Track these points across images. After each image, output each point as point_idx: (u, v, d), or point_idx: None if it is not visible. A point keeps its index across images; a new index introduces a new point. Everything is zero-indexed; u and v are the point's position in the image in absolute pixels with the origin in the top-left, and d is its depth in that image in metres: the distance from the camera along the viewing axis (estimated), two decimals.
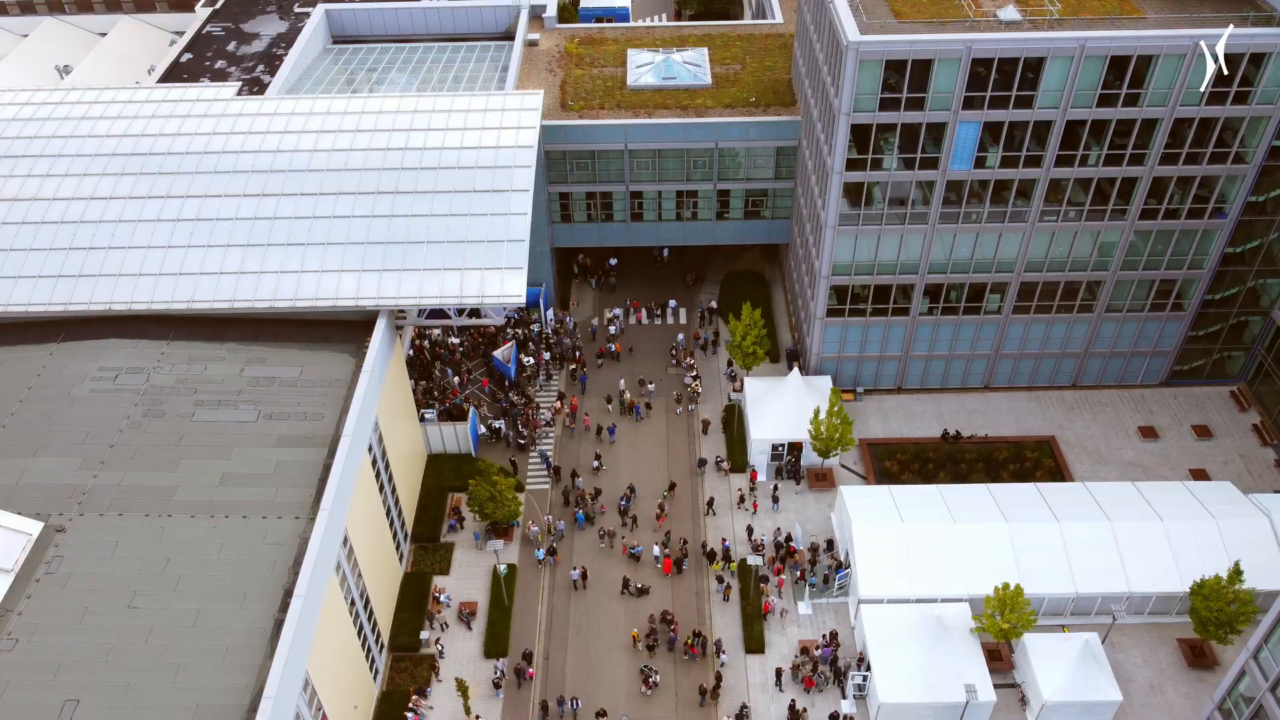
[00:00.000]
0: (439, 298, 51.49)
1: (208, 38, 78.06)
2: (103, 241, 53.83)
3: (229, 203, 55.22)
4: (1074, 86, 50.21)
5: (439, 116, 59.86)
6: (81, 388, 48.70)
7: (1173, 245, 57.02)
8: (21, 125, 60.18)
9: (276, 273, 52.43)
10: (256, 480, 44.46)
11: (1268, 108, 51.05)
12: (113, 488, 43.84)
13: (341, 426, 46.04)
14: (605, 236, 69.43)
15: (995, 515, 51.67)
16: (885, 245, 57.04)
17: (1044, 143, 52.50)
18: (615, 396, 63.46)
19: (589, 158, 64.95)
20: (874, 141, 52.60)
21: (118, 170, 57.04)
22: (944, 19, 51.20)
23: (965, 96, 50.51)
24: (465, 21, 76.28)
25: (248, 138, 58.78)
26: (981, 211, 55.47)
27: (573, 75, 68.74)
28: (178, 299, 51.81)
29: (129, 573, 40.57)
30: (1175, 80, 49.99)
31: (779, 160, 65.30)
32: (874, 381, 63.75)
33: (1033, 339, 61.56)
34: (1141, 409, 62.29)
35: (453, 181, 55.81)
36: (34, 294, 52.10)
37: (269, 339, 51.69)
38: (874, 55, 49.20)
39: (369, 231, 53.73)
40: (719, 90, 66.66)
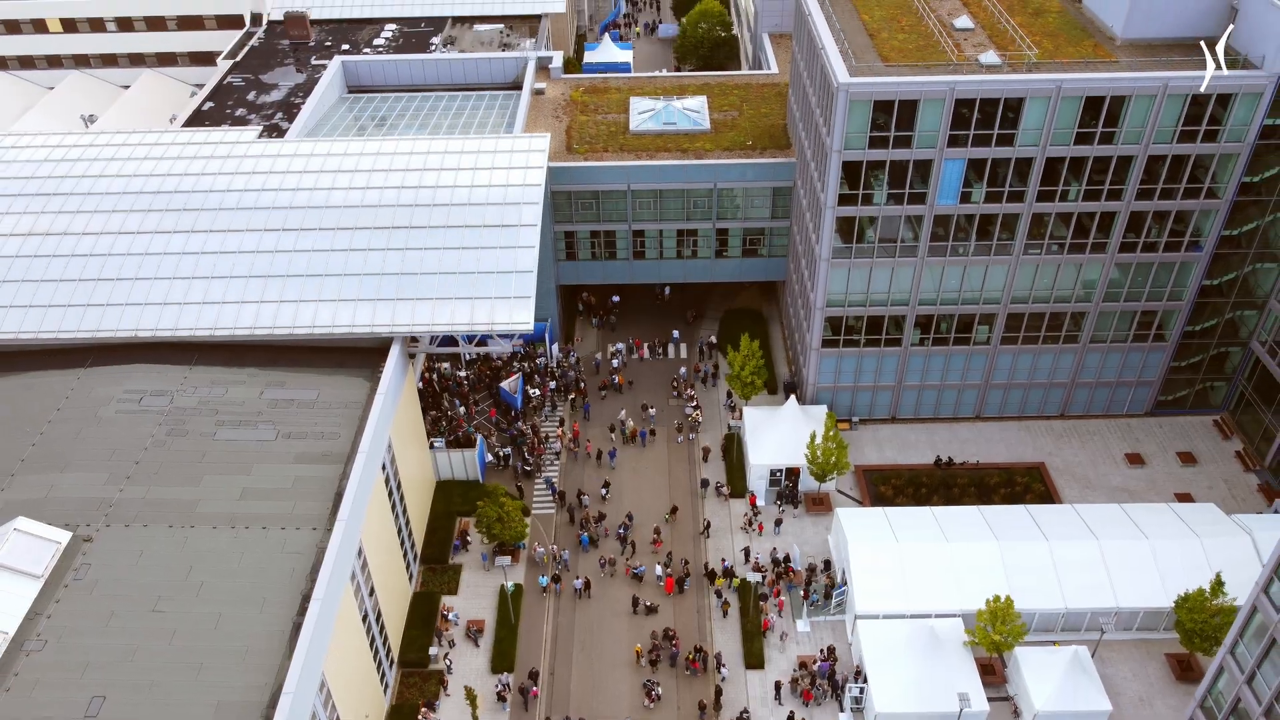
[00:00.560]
0: (450, 325, 53.90)
1: (228, 88, 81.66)
2: (129, 273, 56.41)
3: (250, 237, 57.94)
4: (1052, 125, 53.20)
5: (451, 157, 62.89)
6: (108, 409, 50.84)
7: (1152, 277, 59.58)
8: (54, 165, 63.19)
9: (295, 302, 54.92)
10: (275, 494, 46.37)
11: (1236, 145, 53.98)
12: (138, 501, 45.74)
13: (357, 444, 48.12)
14: (609, 274, 72.08)
15: (987, 535, 53.43)
16: (877, 278, 59.59)
17: (1026, 179, 55.35)
18: (618, 425, 65.46)
19: (593, 198, 67.85)
20: (864, 178, 55.46)
21: (144, 207, 59.86)
22: (929, 63, 54.38)
23: (950, 135, 53.46)
24: (475, 72, 79.90)
25: (268, 177, 61.70)
26: (968, 245, 58.13)
27: (578, 121, 72.03)
28: (200, 326, 54.21)
29: (153, 579, 42.31)
30: (1147, 119, 52.98)
31: (775, 200, 68.21)
32: (869, 411, 65.85)
33: (1021, 369, 63.82)
34: (1128, 437, 64.29)
35: (464, 217, 58.58)
36: (64, 322, 54.52)
37: (287, 364, 53.97)
38: (863, 96, 52.26)
39: (384, 263, 56.34)
40: (717, 135, 69.86)
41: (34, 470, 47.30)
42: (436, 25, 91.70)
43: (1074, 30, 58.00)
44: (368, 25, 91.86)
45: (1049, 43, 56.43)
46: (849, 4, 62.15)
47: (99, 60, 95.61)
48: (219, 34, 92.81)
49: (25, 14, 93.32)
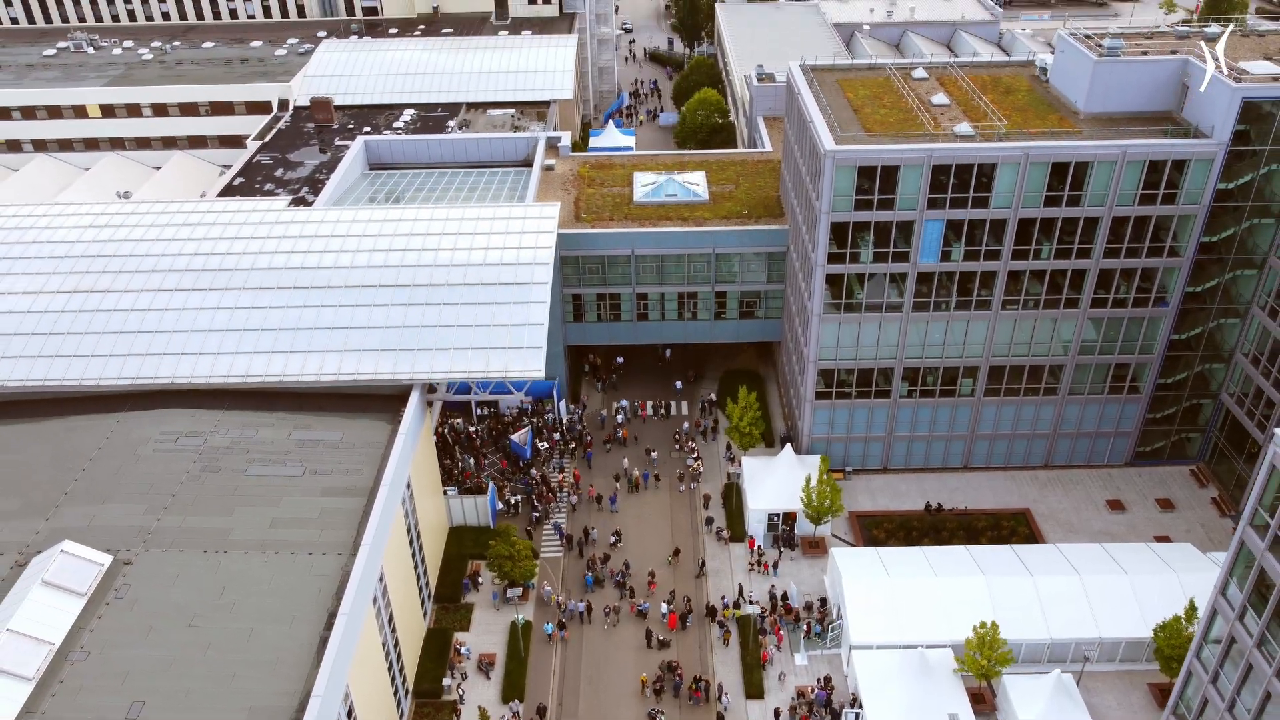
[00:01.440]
0: (466, 373, 57.69)
1: (257, 165, 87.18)
2: (167, 326, 60.43)
3: (279, 294, 62.10)
4: (1023, 189, 57.92)
5: (467, 223, 67.59)
6: (146, 448, 54.23)
7: (1123, 332, 63.58)
8: (97, 231, 67.84)
9: (321, 352, 58.79)
10: (303, 524, 49.44)
11: (1193, 207, 58.61)
12: (174, 529, 48.81)
13: (379, 479, 51.33)
14: (614, 335, 76.17)
15: (974, 571, 56.16)
16: (865, 332, 63.60)
17: (1000, 238, 59.85)
18: (623, 474, 68.65)
19: (599, 263, 72.36)
20: (851, 238, 59.98)
21: (181, 267, 64.18)
22: (908, 133, 59.41)
23: (929, 198, 58.14)
24: (489, 151, 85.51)
25: (296, 240, 66.27)
26: (950, 301, 62.31)
27: (585, 193, 77.13)
28: (233, 374, 57.98)
29: (189, 598, 45.11)
30: (1110, 183, 57.73)
31: (770, 265, 72.72)
32: (861, 462, 69.10)
33: (1005, 420, 67.31)
34: (1109, 485, 67.40)
35: (480, 276, 62.88)
36: (105, 370, 58.30)
37: (313, 409, 57.58)
38: (848, 161, 57.12)
39: (404, 318, 60.39)
40: (715, 205, 74.84)
41: (77, 502, 50.48)
42: (452, 110, 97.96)
43: (1041, 106, 63.31)
44: (387, 110, 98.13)
45: (1018, 116, 61.63)
46: (835, 85, 67.69)
47: (133, 143, 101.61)
48: (248, 119, 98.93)
49: (68, 100, 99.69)
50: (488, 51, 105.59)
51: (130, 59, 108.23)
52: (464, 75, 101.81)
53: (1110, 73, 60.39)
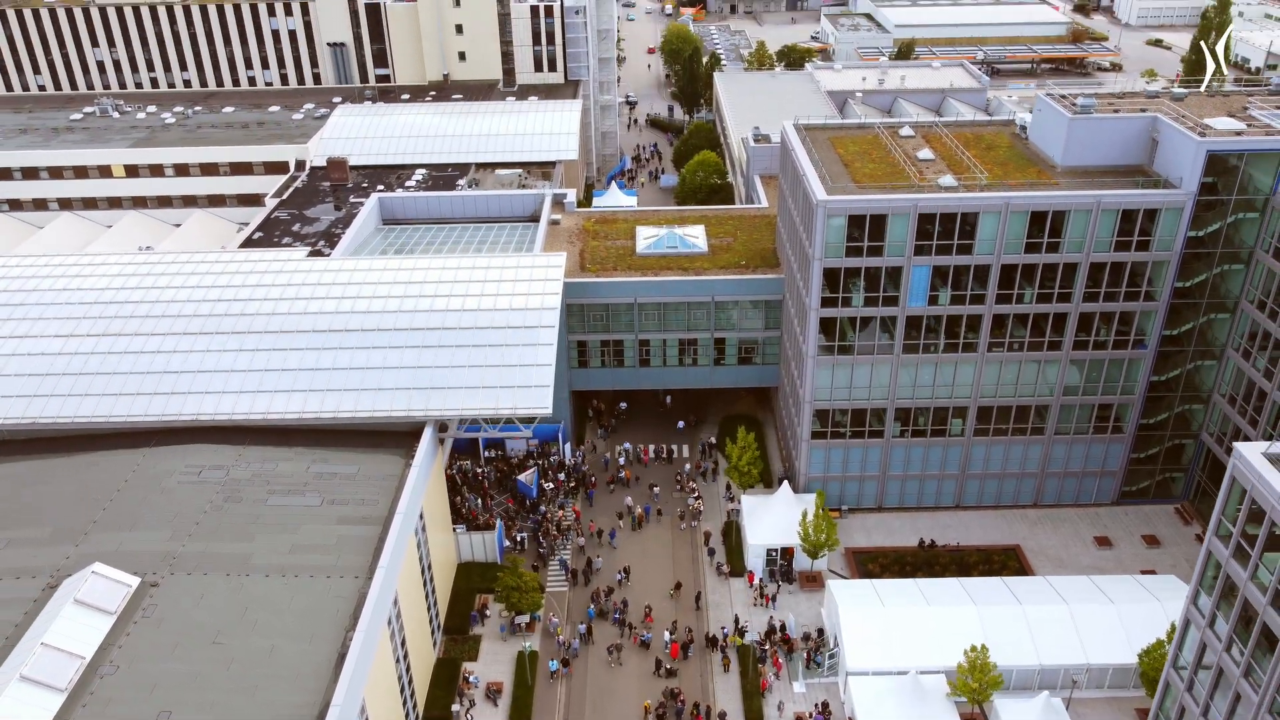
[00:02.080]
0: (477, 410, 60.46)
1: (275, 220, 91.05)
2: (191, 366, 63.38)
3: (299, 337, 65.19)
4: (1004, 236, 61.34)
5: (478, 271, 70.99)
6: (170, 480, 56.74)
7: (1105, 373, 66.47)
8: (125, 279, 71.16)
9: (338, 391, 61.65)
10: (321, 549, 51.75)
11: (1165, 253, 61.96)
12: (198, 554, 51.10)
13: (393, 509, 53.79)
14: (617, 380, 79.06)
15: (966, 600, 58.20)
16: (858, 374, 66.49)
17: (985, 283, 63.08)
18: (627, 511, 70.95)
19: (603, 310, 75.58)
20: (843, 283, 63.23)
21: (205, 313, 67.37)
22: (895, 184, 63.07)
23: (916, 245, 61.54)
24: (497, 207, 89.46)
25: (315, 287, 69.58)
26: (938, 343, 65.32)
27: (590, 245, 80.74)
28: (254, 412, 60.77)
29: (213, 617, 47.24)
30: (1086, 231, 61.18)
31: (767, 312, 75.93)
32: (857, 501, 71.41)
33: (994, 460, 69.81)
34: (1097, 523, 69.66)
35: (490, 320, 66.00)
36: (132, 407, 61.10)
37: (331, 444, 60.19)
38: (839, 210, 60.67)
39: (418, 359, 63.38)
40: (714, 256, 78.37)
41: (106, 529, 52.83)
42: (462, 170, 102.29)
43: (1020, 160, 67.16)
44: (400, 170, 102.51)
45: (999, 170, 65.40)
46: (827, 142, 71.68)
47: (155, 201, 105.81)
48: (266, 178, 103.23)
49: (94, 161, 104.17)
50: (496, 115, 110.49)
51: (154, 123, 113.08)
52: (473, 137, 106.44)
53: (1084, 129, 64.32)
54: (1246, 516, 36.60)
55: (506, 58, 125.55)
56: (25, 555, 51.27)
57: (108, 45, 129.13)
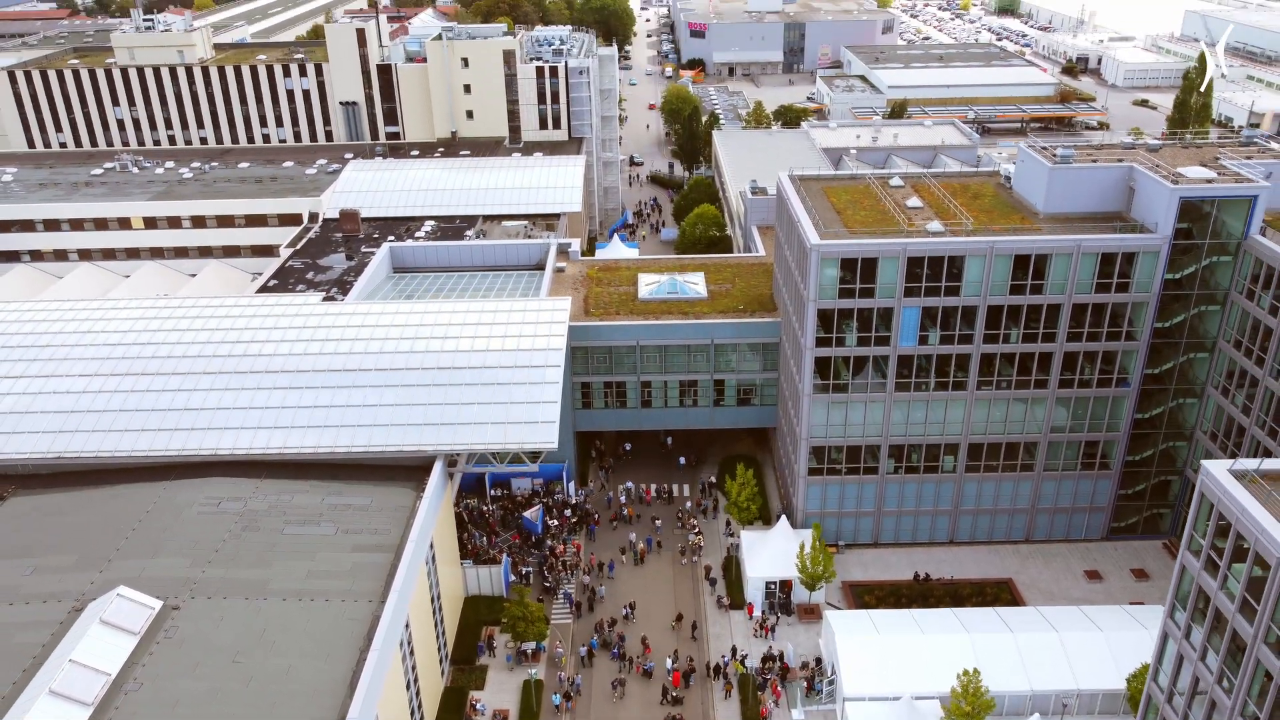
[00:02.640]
0: (486, 444, 62.89)
1: (289, 269, 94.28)
2: (210, 404, 65.94)
3: (314, 375, 67.80)
4: (990, 279, 64.29)
5: (486, 314, 73.87)
6: (190, 511, 58.94)
7: (1090, 411, 68.93)
8: (147, 322, 74.08)
9: (352, 426, 64.15)
10: (336, 575, 53.77)
11: (1144, 295, 64.84)
12: (218, 579, 53.12)
13: (405, 537, 55.96)
14: (620, 421, 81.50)
15: (959, 629, 59.96)
16: (853, 412, 68.96)
17: (972, 324, 65.86)
18: (629, 547, 72.89)
19: (607, 352, 78.32)
20: (836, 324, 66.03)
21: (224, 353, 70.12)
22: (885, 229, 66.23)
23: (906, 287, 64.42)
24: (504, 255, 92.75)
25: (329, 329, 72.41)
26: (929, 382, 67.92)
27: (594, 291, 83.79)
28: (270, 447, 63.20)
29: (232, 638, 49.14)
30: (1068, 273, 64.14)
31: (764, 355, 78.66)
32: (853, 536, 73.35)
33: (986, 496, 71.94)
34: (1087, 558, 71.55)
35: (498, 360, 68.69)
36: (153, 443, 63.54)
37: (345, 477, 62.47)
38: (832, 254, 63.71)
39: (429, 397, 65.93)
40: (714, 301, 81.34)
41: (129, 556, 54.88)
42: (469, 221, 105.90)
43: (1005, 208, 70.45)
44: (410, 222, 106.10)
45: (984, 216, 68.62)
46: (820, 192, 75.07)
47: (172, 252, 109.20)
48: (280, 230, 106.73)
49: (114, 213, 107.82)
50: (502, 170, 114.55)
51: (171, 178, 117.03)
52: (480, 191, 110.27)
53: (1064, 178, 67.69)
54: (1215, 530, 38.85)
55: (513, 116, 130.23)
56: (52, 580, 53.30)
57: (128, 104, 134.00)
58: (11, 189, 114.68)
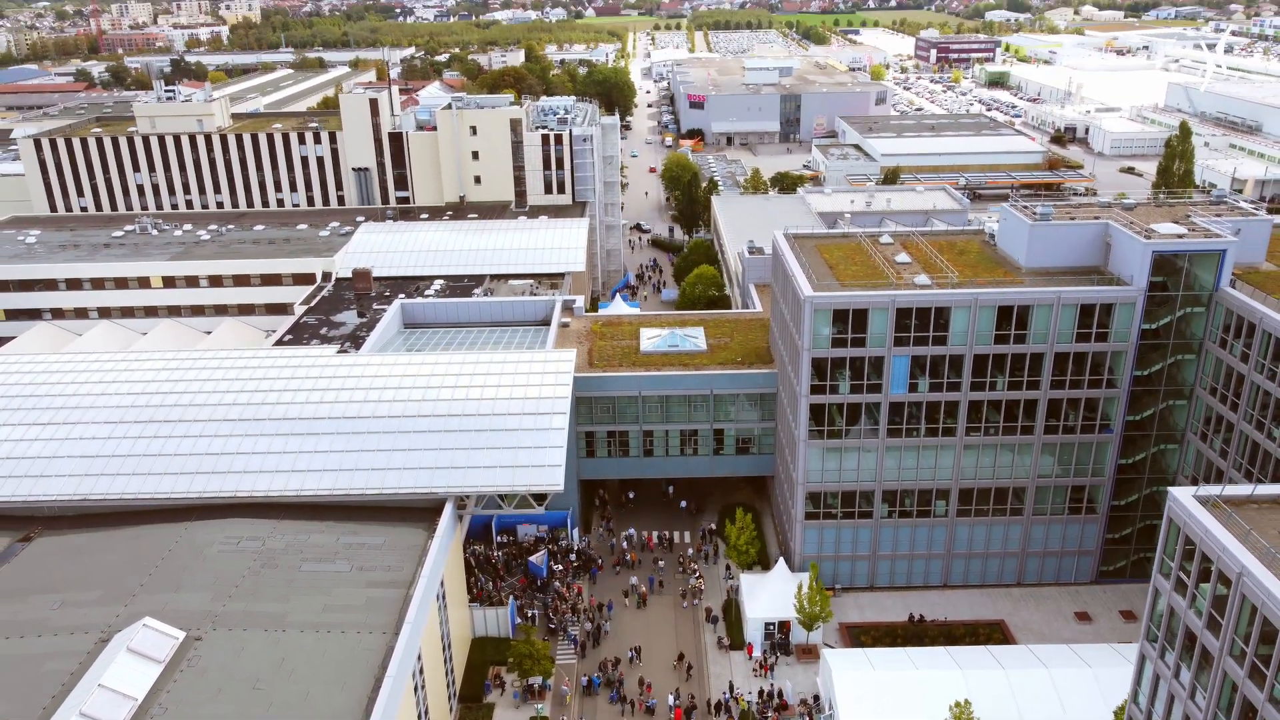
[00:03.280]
0: (494, 486, 65.51)
1: (304, 325, 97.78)
2: (230, 449, 68.71)
3: (330, 422, 70.65)
4: (975, 329, 67.60)
5: (495, 365, 76.99)
6: (211, 549, 61.35)
7: (1075, 456, 71.66)
8: (169, 371, 77.21)
9: (366, 470, 66.82)
10: (351, 609, 56.01)
11: (1123, 344, 68.09)
12: (238, 612, 55.37)
13: (418, 573, 58.31)
14: (623, 469, 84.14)
15: (952, 666, 61.87)
16: (847, 458, 71.71)
17: (959, 372, 69.00)
18: (632, 590, 74.97)
19: (610, 403, 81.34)
20: (830, 372, 69.17)
21: (244, 401, 73.09)
22: (875, 282, 69.75)
23: (895, 336, 67.72)
24: (511, 311, 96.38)
25: (345, 379, 75.44)
26: (919, 428, 70.78)
27: (597, 345, 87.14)
28: (288, 489, 65.83)
29: (252, 667, 51.25)
30: (1049, 324, 67.47)
31: (762, 405, 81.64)
32: (850, 580, 75.47)
33: (977, 540, 74.27)
34: (1077, 600, 73.58)
35: (507, 408, 71.59)
36: (175, 486, 66.18)
37: (359, 518, 64.95)
38: (825, 305, 67.12)
39: (440, 442, 68.71)
40: (713, 353, 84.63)
41: (152, 591, 57.18)
42: (477, 280, 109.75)
43: (989, 263, 74.12)
44: (420, 281, 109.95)
45: (969, 270, 72.22)
46: (814, 248, 78.87)
47: (188, 310, 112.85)
48: (294, 289, 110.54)
49: (134, 273, 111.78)
50: (509, 232, 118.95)
51: (189, 239, 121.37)
52: (487, 251, 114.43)
53: (1044, 234, 71.47)
54: (1182, 552, 41.45)
55: (519, 181, 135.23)
56: (79, 614, 55.54)
57: (148, 170, 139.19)
58: (35, 250, 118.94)
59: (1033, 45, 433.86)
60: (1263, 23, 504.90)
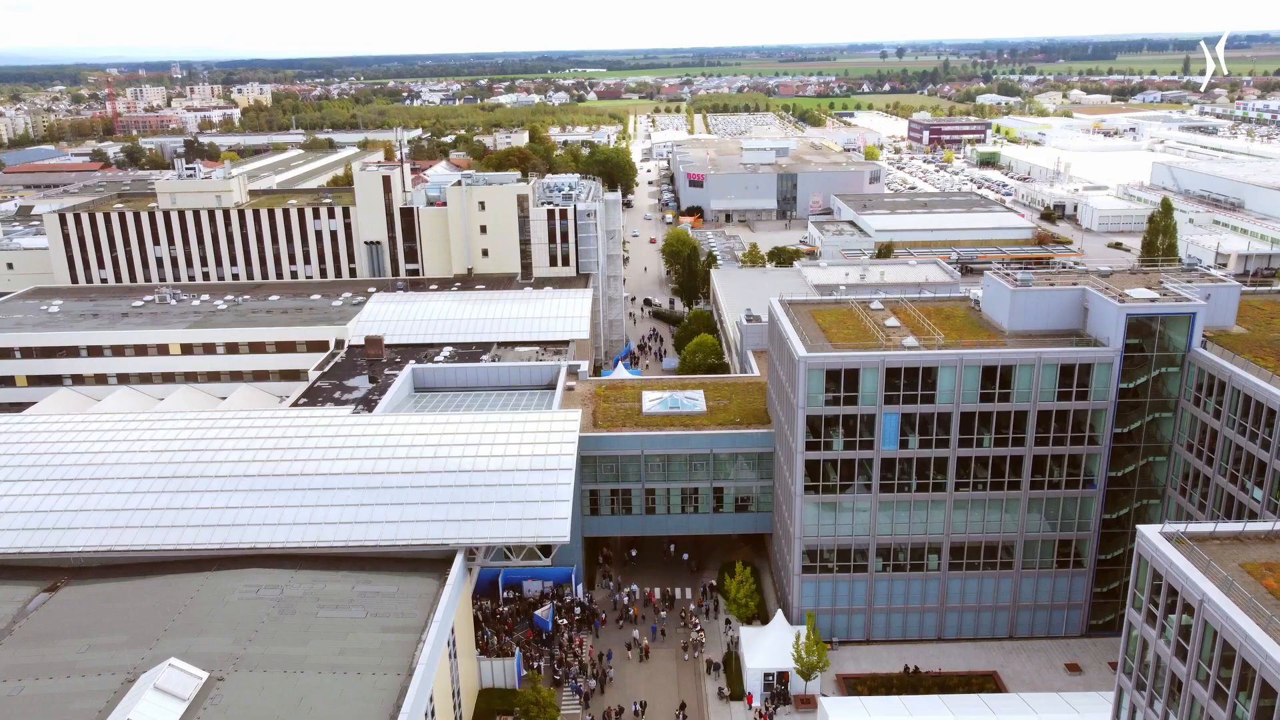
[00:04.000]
0: (503, 538, 68.38)
1: (318, 389, 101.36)
2: (250, 503, 71.74)
3: (344, 479, 73.82)
4: (961, 387, 71.18)
5: (503, 424, 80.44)
6: (232, 596, 63.96)
7: (1061, 511, 74.55)
8: (190, 430, 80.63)
9: (380, 523, 69.79)
10: (367, 652, 58.47)
11: (1102, 402, 71.58)
12: (258, 655, 57.81)
13: (430, 619, 60.86)
14: (625, 527, 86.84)
15: (945, 712, 63.90)
16: (842, 512, 74.62)
17: (948, 429, 72.33)
18: (634, 644, 77.10)
19: (613, 462, 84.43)
20: (824, 429, 72.53)
21: (263, 458, 76.36)
22: (866, 344, 73.54)
23: (885, 395, 71.27)
24: (518, 376, 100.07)
25: (359, 437, 78.84)
26: (910, 483, 73.83)
27: (601, 407, 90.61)
28: (305, 541, 68.69)
29: (273, 705, 53.58)
30: (1031, 383, 71.07)
31: (760, 464, 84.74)
32: (846, 633, 77.64)
33: (970, 593, 76.66)
34: (1067, 652, 75.68)
35: (515, 464, 74.84)
36: (197, 538, 69.07)
37: (373, 568, 67.63)
38: (818, 365, 70.82)
39: (451, 495, 71.79)
40: (712, 414, 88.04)
41: (176, 635, 59.67)
42: (484, 348, 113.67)
43: (974, 326, 78.06)
44: (429, 348, 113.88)
45: (955, 334, 76.08)
46: (808, 313, 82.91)
47: (205, 377, 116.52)
48: (308, 356, 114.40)
49: (153, 340, 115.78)
50: (515, 302, 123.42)
51: (207, 309, 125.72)
52: (495, 320, 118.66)
53: (1025, 299, 75.54)
54: (1151, 587, 44.36)
55: (525, 254, 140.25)
56: (106, 656, 57.98)
57: (167, 243, 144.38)
58: (58, 318, 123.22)
59: (1023, 127, 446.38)
60: (1246, 105, 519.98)
